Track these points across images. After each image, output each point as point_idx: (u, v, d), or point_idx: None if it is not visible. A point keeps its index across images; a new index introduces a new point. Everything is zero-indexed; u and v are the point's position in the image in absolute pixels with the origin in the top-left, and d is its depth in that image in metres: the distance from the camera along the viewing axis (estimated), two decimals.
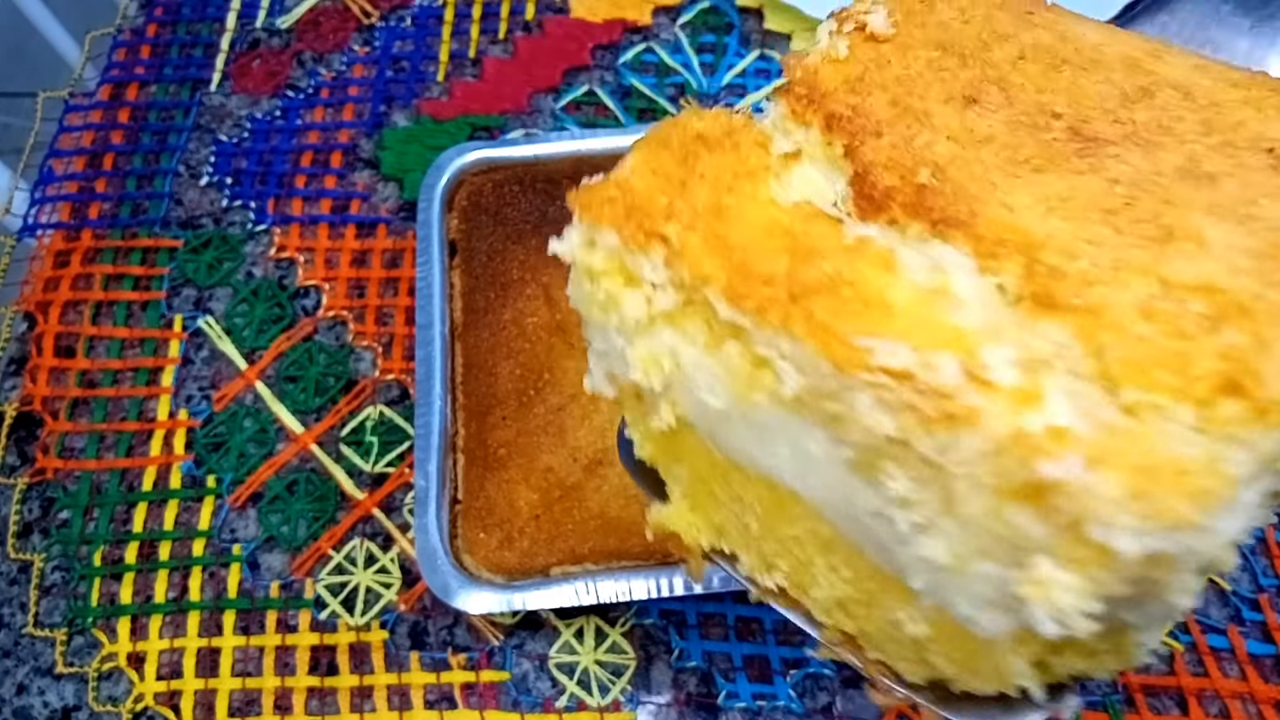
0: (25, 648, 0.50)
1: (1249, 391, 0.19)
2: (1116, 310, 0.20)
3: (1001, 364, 0.20)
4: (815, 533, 0.27)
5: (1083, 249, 0.22)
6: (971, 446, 0.20)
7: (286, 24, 0.72)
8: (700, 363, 0.25)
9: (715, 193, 0.25)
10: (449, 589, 0.45)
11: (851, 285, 0.22)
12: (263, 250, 0.62)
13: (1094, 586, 0.19)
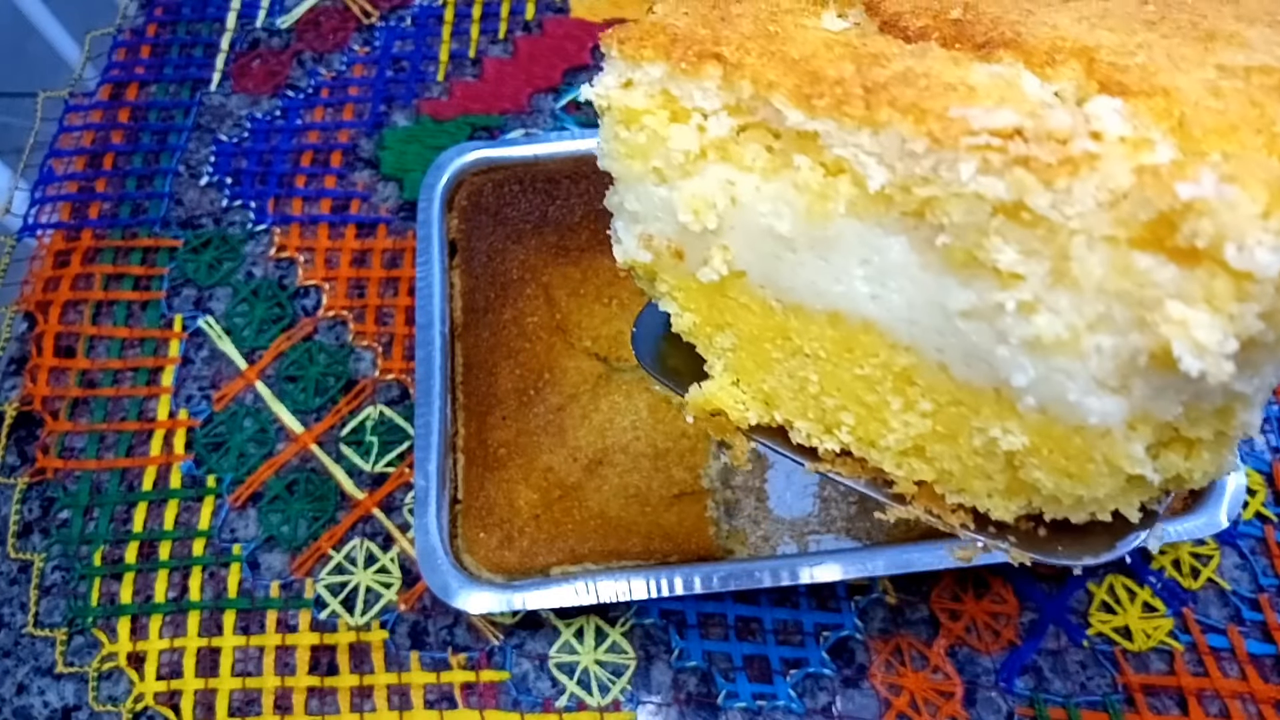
0: (25, 647, 0.50)
1: None
2: (1186, 90, 0.20)
3: (1109, 114, 0.20)
4: (890, 365, 0.26)
5: (1135, 49, 0.22)
6: (1091, 195, 0.19)
7: (286, 24, 0.72)
8: (760, 189, 0.24)
9: (758, 24, 0.24)
10: (449, 589, 0.45)
11: (926, 76, 0.21)
12: (263, 250, 0.62)
13: (1230, 321, 0.19)
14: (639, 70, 0.25)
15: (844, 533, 0.50)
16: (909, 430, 0.27)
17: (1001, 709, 0.47)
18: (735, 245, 0.26)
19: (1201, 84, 0.21)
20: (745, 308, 0.28)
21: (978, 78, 0.21)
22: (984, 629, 0.49)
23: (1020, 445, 0.24)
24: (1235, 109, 0.20)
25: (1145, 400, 0.21)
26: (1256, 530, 0.51)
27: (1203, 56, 0.22)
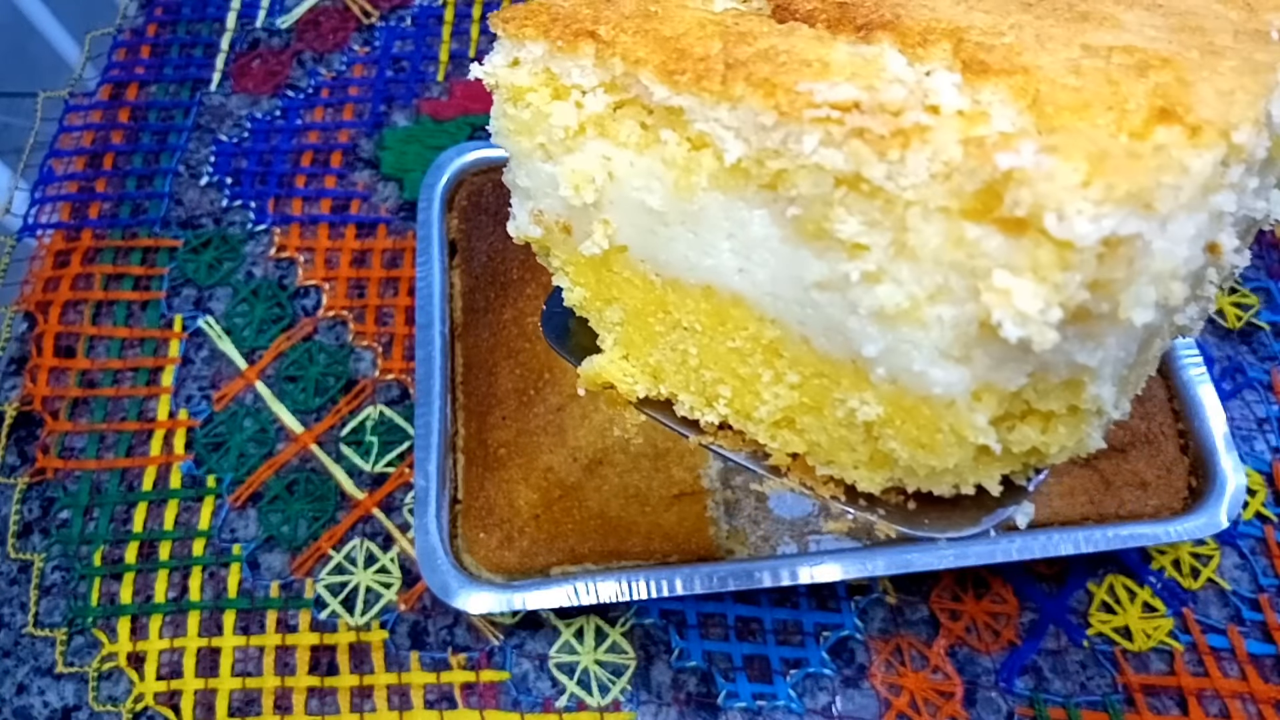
0: (25, 647, 0.50)
1: (1180, 117, 0.20)
2: (1046, 69, 0.21)
3: (947, 88, 0.21)
4: (758, 338, 0.26)
5: (1006, 30, 0.22)
6: (923, 167, 0.20)
7: (286, 24, 0.72)
8: (634, 164, 0.25)
9: (641, 4, 0.25)
10: (449, 589, 0.45)
11: (788, 53, 0.22)
12: (263, 250, 0.62)
13: (1053, 290, 0.19)
14: (523, 49, 0.26)
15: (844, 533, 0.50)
16: (779, 402, 0.28)
17: (1001, 709, 0.47)
18: (615, 219, 0.27)
19: (1063, 63, 0.21)
20: (629, 282, 0.29)
21: (835, 55, 0.22)
22: (984, 629, 0.49)
23: (876, 416, 0.25)
24: (1091, 87, 0.20)
25: (987, 370, 0.22)
26: (1256, 530, 0.51)
27: (1071, 37, 0.22)
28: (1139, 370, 0.26)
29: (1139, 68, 0.21)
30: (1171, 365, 0.49)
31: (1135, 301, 0.20)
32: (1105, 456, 0.48)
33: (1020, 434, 0.24)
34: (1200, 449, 0.47)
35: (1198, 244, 0.20)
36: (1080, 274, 0.19)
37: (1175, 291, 0.20)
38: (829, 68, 0.21)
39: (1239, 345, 0.56)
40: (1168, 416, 0.48)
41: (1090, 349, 0.21)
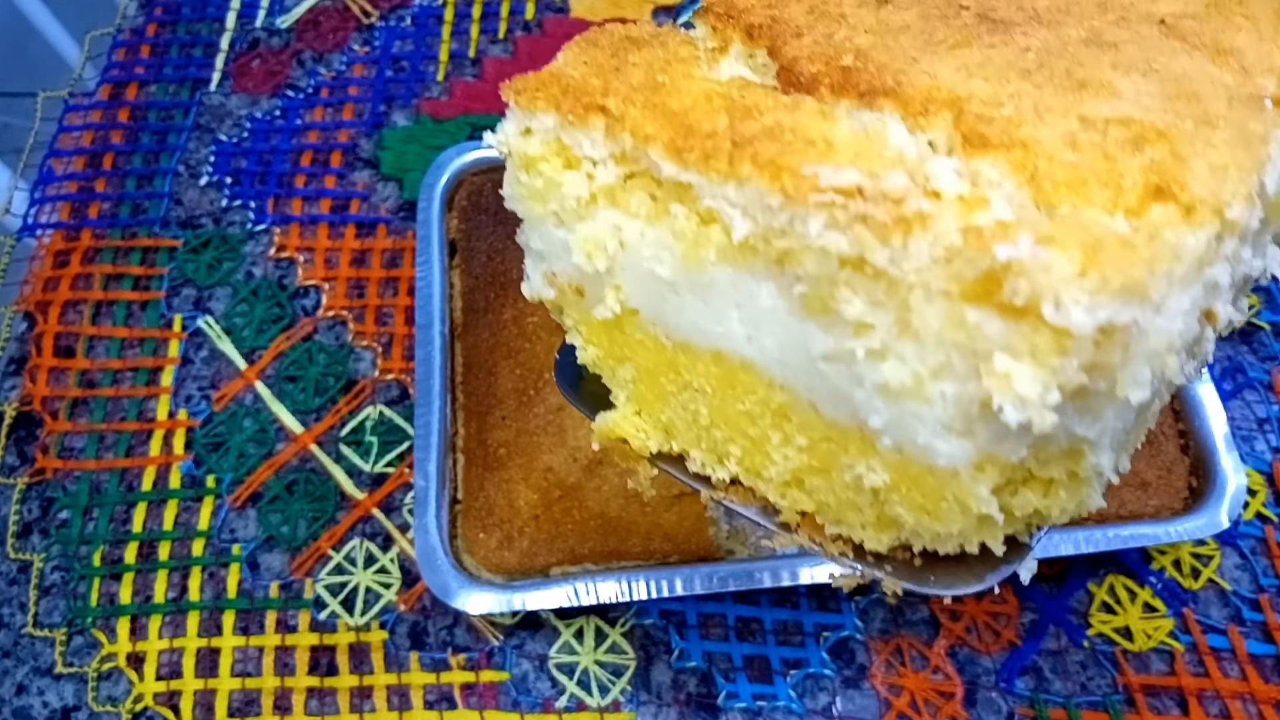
0: (25, 648, 0.50)
1: (1175, 195, 0.20)
2: (1044, 143, 0.21)
3: (947, 173, 0.21)
4: (767, 402, 0.27)
5: (1005, 100, 0.23)
6: (924, 252, 0.21)
7: (286, 24, 0.72)
8: (645, 234, 0.25)
9: (649, 74, 0.25)
10: (449, 589, 0.45)
11: (793, 131, 0.22)
12: (262, 250, 0.62)
13: (1052, 374, 0.20)
14: (534, 119, 0.26)
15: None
16: (788, 463, 0.28)
17: (1002, 709, 0.47)
18: (626, 285, 0.27)
19: (1061, 136, 0.22)
20: (640, 343, 0.29)
21: (839, 134, 0.22)
22: (984, 629, 0.49)
23: (882, 482, 0.25)
24: (1088, 162, 0.21)
25: (990, 443, 0.22)
26: (1257, 531, 0.51)
27: (1069, 107, 0.23)
28: (1138, 430, 0.27)
29: (1135, 142, 0.21)
30: None
31: (1132, 381, 0.20)
32: None
33: (1022, 499, 0.25)
34: (1201, 449, 0.47)
35: (1192, 316, 0.21)
36: (1078, 359, 0.20)
37: (1171, 365, 0.20)
38: (833, 148, 0.22)
39: (1239, 345, 0.56)
40: (1168, 416, 0.48)
41: (1089, 423, 0.22)
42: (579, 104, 0.25)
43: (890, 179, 0.21)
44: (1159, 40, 0.25)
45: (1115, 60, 0.24)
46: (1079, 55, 0.24)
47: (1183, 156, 0.21)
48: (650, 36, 0.27)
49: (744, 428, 0.28)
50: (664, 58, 0.26)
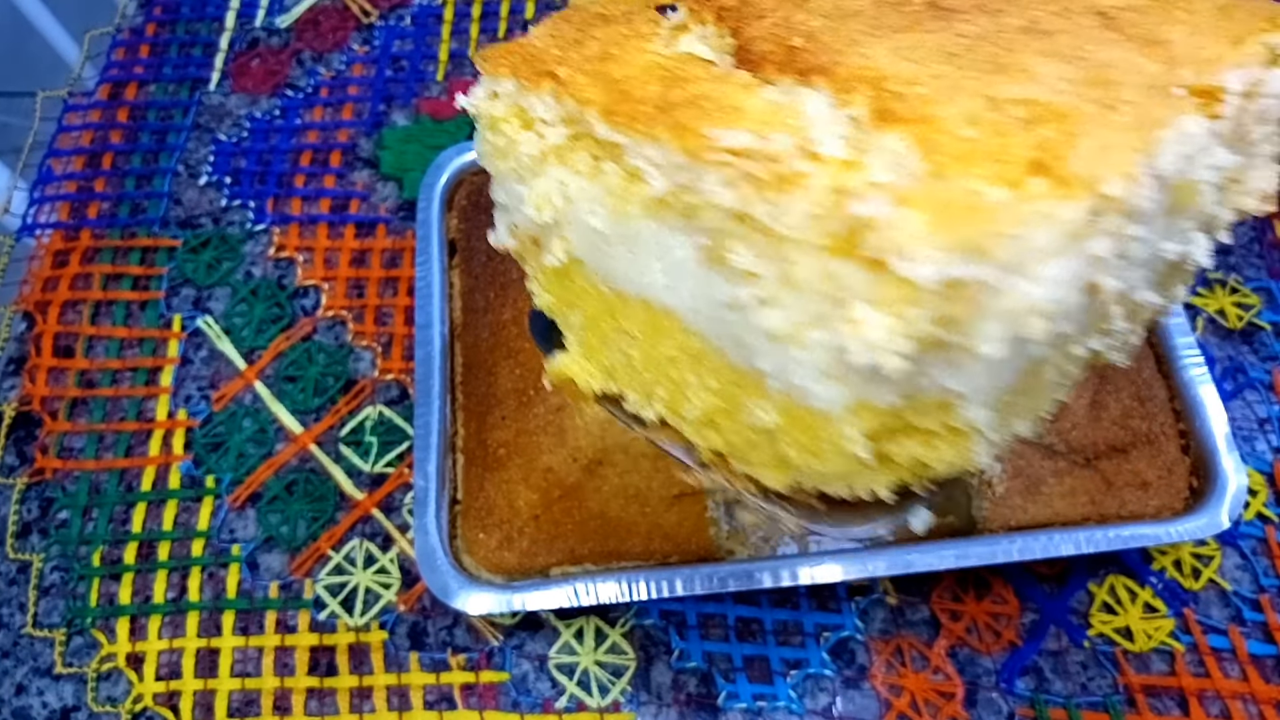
0: (24, 648, 0.50)
1: (1054, 170, 0.22)
2: (947, 120, 0.23)
3: (830, 139, 0.23)
4: (685, 348, 0.29)
5: (925, 80, 0.25)
6: (800, 209, 0.23)
7: (286, 23, 0.72)
8: (584, 189, 0.28)
9: (604, 47, 0.28)
10: (448, 589, 0.45)
11: (712, 100, 0.25)
12: (262, 250, 0.62)
13: (902, 324, 0.22)
14: (498, 84, 0.29)
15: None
16: (703, 404, 0.31)
17: (1002, 710, 0.47)
18: (571, 236, 0.30)
19: (964, 114, 0.23)
20: (585, 291, 0.32)
21: (752, 103, 0.25)
22: (985, 630, 0.49)
23: (774, 423, 0.28)
24: (983, 138, 0.23)
25: (861, 389, 0.24)
26: (1258, 531, 0.51)
27: (981, 88, 0.24)
28: (1031, 395, 0.28)
29: (1031, 121, 0.23)
30: (1172, 365, 0.49)
31: (985, 336, 0.22)
32: (1106, 457, 0.47)
33: (901, 447, 0.27)
34: (1201, 449, 0.47)
35: (1072, 287, 0.22)
36: (926, 310, 0.22)
37: (1035, 327, 0.22)
38: (742, 115, 0.24)
39: (1240, 345, 0.56)
40: (1169, 417, 0.48)
41: (953, 375, 0.24)
42: (534, 71, 0.28)
43: (776, 142, 0.23)
44: (1094, 30, 0.26)
45: (1044, 47, 0.26)
46: (1010, 41, 0.26)
47: (1073, 136, 0.22)
48: (621, 14, 0.30)
49: (667, 371, 0.31)
50: (624, 33, 0.29)
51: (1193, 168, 0.24)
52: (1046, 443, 0.47)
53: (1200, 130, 0.24)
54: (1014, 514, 0.46)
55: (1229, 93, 0.25)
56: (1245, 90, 0.25)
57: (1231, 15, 0.27)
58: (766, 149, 0.23)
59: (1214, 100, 0.25)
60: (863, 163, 0.23)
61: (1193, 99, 0.24)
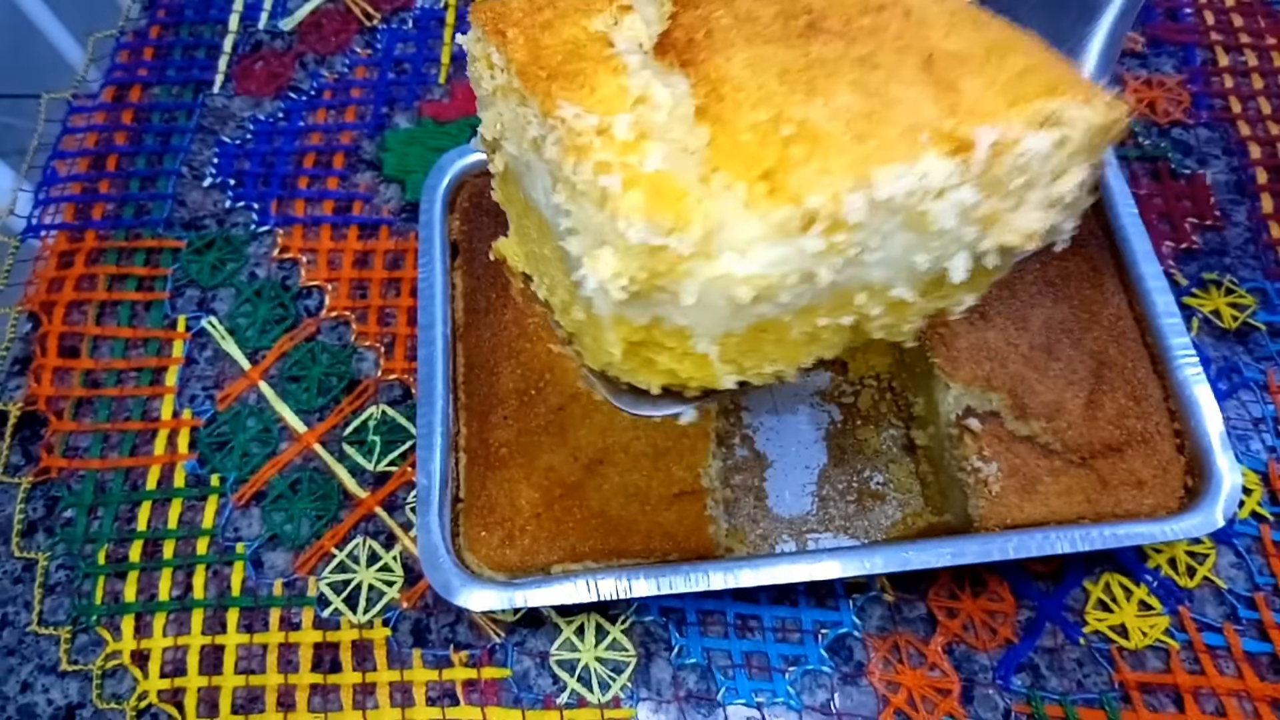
0: (30, 646, 0.51)
1: (776, 179, 0.29)
2: (736, 125, 0.30)
3: (622, 126, 0.31)
4: (554, 250, 0.37)
5: (749, 89, 0.31)
6: (587, 170, 0.30)
7: (289, 26, 0.73)
8: (509, 122, 0.36)
9: (553, 16, 0.35)
10: (451, 587, 0.45)
11: (585, 75, 0.32)
12: (266, 251, 0.62)
13: (622, 265, 0.29)
14: (476, 32, 0.37)
15: (842, 531, 0.50)
16: (562, 296, 0.38)
17: (999, 706, 0.47)
18: (506, 151, 0.37)
19: (750, 123, 0.30)
20: (514, 194, 0.40)
21: (609, 85, 0.32)
22: (981, 627, 0.49)
23: (582, 319, 0.35)
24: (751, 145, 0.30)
25: (619, 306, 0.31)
26: (1252, 529, 0.51)
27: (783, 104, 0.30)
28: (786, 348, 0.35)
29: (791, 139, 0.29)
30: (1168, 365, 0.49)
31: (686, 291, 0.30)
32: (1102, 456, 0.48)
33: (658, 357, 0.34)
34: (1196, 448, 0.48)
35: (784, 268, 0.30)
36: (640, 262, 0.29)
37: (740, 292, 0.29)
38: (592, 92, 0.32)
39: (1235, 345, 0.57)
40: (1164, 416, 0.49)
41: (680, 313, 0.31)
42: (495, 27, 0.35)
43: (584, 120, 0.30)
44: (911, 71, 0.32)
45: (858, 79, 0.32)
46: (838, 68, 0.32)
47: (810, 157, 0.29)
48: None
49: (549, 264, 0.39)
50: (576, 6, 0.35)
51: (924, 201, 0.30)
52: (1042, 442, 0.47)
53: (941, 170, 0.30)
54: (1010, 512, 0.47)
55: (978, 145, 0.30)
56: (994, 144, 0.30)
57: (1025, 78, 0.32)
58: (575, 126, 0.30)
59: (966, 149, 0.30)
60: (639, 148, 0.30)
61: (942, 144, 0.30)
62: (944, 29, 0.34)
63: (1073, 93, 0.32)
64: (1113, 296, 0.51)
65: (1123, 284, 0.52)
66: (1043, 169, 0.32)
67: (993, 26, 0.35)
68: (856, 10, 0.34)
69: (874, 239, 0.31)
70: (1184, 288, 0.58)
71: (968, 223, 0.32)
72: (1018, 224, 0.32)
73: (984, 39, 0.34)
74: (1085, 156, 0.33)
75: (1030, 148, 0.31)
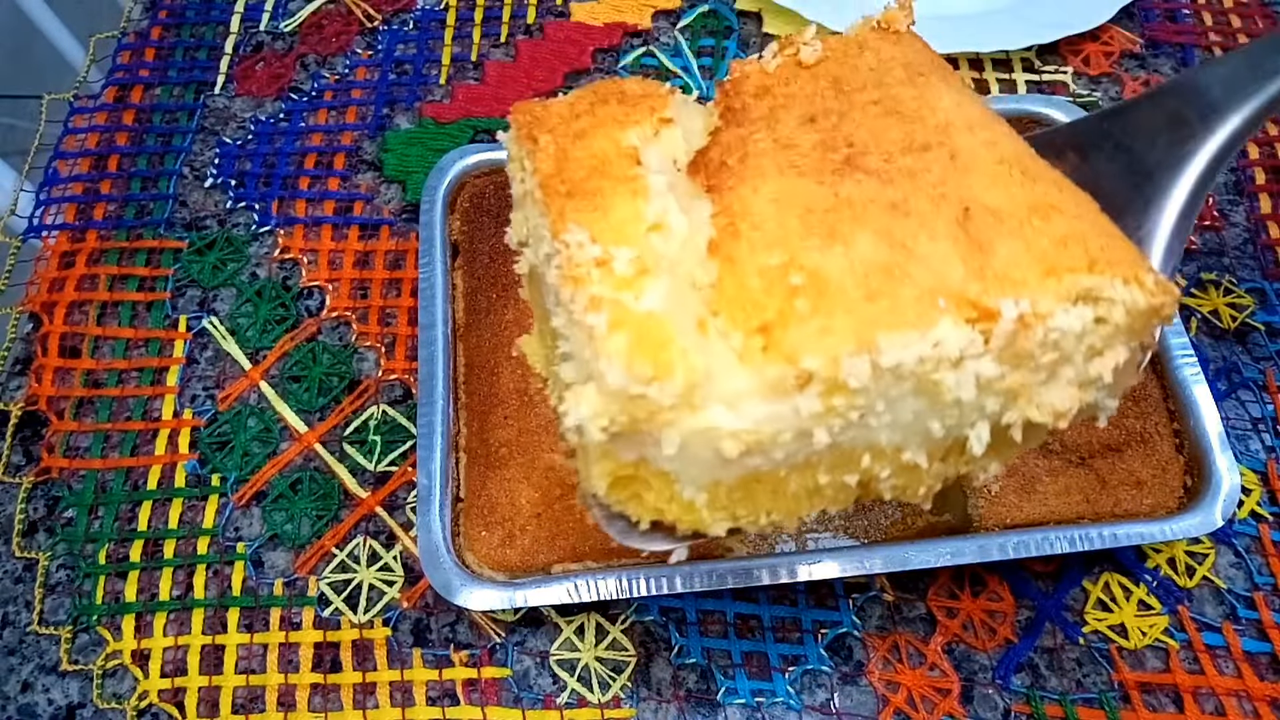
0: (30, 645, 0.51)
1: (774, 335, 0.28)
2: (746, 266, 0.29)
3: (621, 260, 0.29)
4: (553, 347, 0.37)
5: (770, 227, 0.30)
6: (583, 299, 0.29)
7: (290, 27, 0.73)
8: (533, 229, 0.35)
9: (589, 125, 0.34)
10: (451, 586, 0.46)
11: (602, 196, 0.31)
12: (267, 251, 0.62)
13: (602, 407, 0.28)
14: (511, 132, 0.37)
15: (841, 531, 0.50)
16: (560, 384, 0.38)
17: (998, 706, 0.47)
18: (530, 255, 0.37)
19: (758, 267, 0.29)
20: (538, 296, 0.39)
21: (617, 211, 0.31)
22: (981, 626, 0.49)
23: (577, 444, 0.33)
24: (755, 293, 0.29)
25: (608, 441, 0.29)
26: (1252, 529, 0.51)
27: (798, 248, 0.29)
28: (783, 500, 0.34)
29: (799, 289, 0.28)
30: (1167, 365, 0.50)
31: (669, 441, 0.28)
32: (1101, 456, 0.48)
33: (646, 494, 0.33)
34: (1195, 448, 0.48)
35: (779, 424, 0.28)
36: (618, 405, 0.28)
37: (728, 447, 0.28)
38: (604, 216, 0.31)
39: (1234, 345, 0.57)
40: (1163, 416, 0.49)
41: (659, 457, 0.29)
42: (529, 131, 0.34)
43: (585, 251, 0.30)
44: (943, 224, 0.30)
45: (886, 227, 0.30)
46: (865, 212, 0.30)
47: (814, 312, 0.28)
48: (639, 97, 0.35)
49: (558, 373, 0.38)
50: (615, 116, 0.34)
51: (938, 369, 0.28)
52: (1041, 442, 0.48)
53: (957, 339, 0.28)
54: (1009, 512, 0.47)
55: (1003, 316, 0.28)
56: (1020, 316, 0.28)
57: (1066, 246, 0.29)
58: (575, 257, 0.30)
59: (989, 319, 0.28)
60: (639, 284, 0.29)
61: (962, 311, 0.28)
62: (989, 179, 0.31)
63: (1115, 270, 0.29)
64: None
65: None
66: (1077, 347, 0.29)
67: (1042, 182, 0.32)
68: (900, 148, 0.32)
69: (879, 403, 0.29)
70: (1183, 288, 0.59)
71: (989, 394, 0.30)
72: (1047, 400, 0.30)
73: (1029, 196, 0.31)
74: (1127, 338, 0.30)
75: (1062, 325, 0.29)
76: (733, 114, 0.35)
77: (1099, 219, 0.31)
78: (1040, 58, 0.69)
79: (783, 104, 0.34)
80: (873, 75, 0.35)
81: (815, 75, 0.35)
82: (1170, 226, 0.35)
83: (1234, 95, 0.35)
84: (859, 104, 0.34)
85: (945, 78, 0.35)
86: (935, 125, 0.33)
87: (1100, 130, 0.38)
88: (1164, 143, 0.36)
